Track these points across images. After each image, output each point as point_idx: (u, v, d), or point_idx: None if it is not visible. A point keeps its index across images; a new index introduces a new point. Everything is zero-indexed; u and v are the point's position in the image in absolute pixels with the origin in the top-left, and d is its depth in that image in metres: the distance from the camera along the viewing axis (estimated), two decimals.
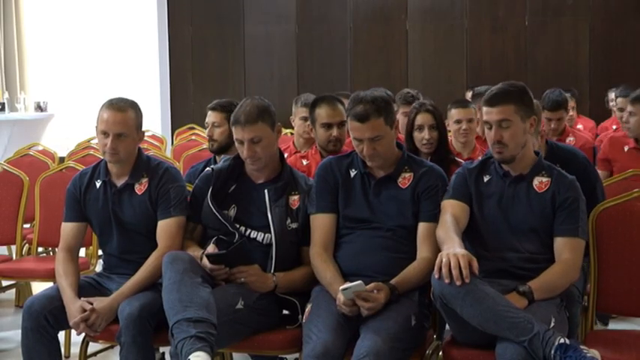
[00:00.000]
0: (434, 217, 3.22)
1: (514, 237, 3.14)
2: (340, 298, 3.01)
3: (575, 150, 4.01)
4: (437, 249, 3.09)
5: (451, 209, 3.17)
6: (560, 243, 3.11)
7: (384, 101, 3.27)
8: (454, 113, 4.65)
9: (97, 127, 3.49)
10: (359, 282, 3.01)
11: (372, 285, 3.04)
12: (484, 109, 3.19)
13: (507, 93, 3.17)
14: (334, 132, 4.11)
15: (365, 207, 3.30)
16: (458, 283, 2.78)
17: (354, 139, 3.27)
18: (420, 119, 4.19)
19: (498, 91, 3.20)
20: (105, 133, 3.44)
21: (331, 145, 4.12)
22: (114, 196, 3.52)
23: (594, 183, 3.69)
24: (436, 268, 2.85)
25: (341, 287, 3.00)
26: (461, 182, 3.24)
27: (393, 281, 3.11)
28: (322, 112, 4.13)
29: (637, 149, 4.83)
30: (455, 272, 2.79)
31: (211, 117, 4.37)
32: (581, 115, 7.76)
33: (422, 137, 4.17)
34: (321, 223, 3.33)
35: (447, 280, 2.80)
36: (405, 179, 3.31)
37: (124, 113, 3.44)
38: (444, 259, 2.83)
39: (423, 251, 3.21)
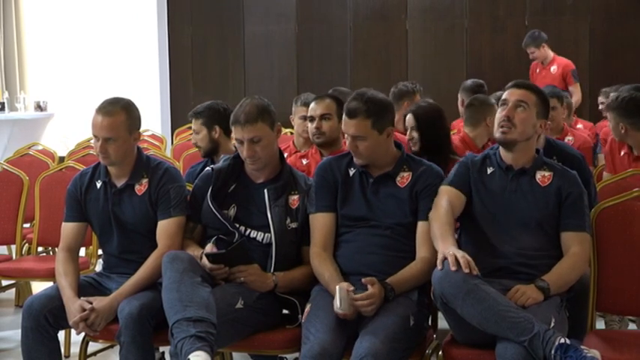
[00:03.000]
0: None
1: (516, 230, 3.15)
2: (340, 313, 3.00)
3: (571, 147, 4.05)
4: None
5: (447, 195, 3.18)
6: (568, 237, 3.13)
7: (379, 105, 3.29)
8: None
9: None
10: (337, 288, 3.00)
11: (364, 280, 3.04)
12: (508, 90, 3.25)
13: (533, 86, 3.30)
14: (309, 124, 4.28)
15: (363, 205, 3.30)
16: (466, 270, 2.81)
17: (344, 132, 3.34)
18: (407, 120, 4.31)
19: (527, 81, 3.37)
20: (95, 137, 3.47)
21: (315, 137, 4.25)
22: (114, 197, 3.52)
23: (588, 179, 3.68)
24: (439, 261, 2.87)
25: (335, 309, 2.99)
26: (462, 171, 3.26)
27: (389, 280, 3.11)
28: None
29: (628, 155, 4.79)
30: (462, 260, 2.83)
31: (192, 124, 4.51)
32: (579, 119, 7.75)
33: (406, 136, 4.30)
34: (320, 223, 3.33)
35: (453, 268, 2.83)
36: (404, 178, 3.31)
37: (112, 117, 3.44)
38: (447, 254, 2.86)
39: (422, 251, 3.21)
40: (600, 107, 7.50)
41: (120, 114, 3.46)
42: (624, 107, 4.53)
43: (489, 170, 3.25)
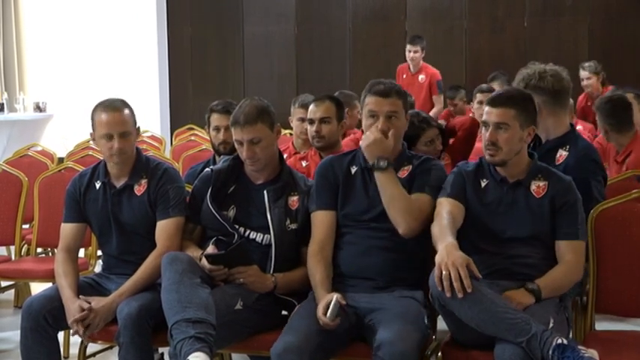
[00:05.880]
0: (421, 189, 3.22)
1: (513, 241, 3.13)
2: (324, 320, 2.99)
3: (586, 141, 3.93)
4: (426, 219, 3.13)
5: (448, 206, 3.15)
6: (562, 246, 3.12)
7: (404, 91, 3.37)
8: None
9: (94, 132, 3.47)
10: (333, 299, 2.99)
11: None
12: (486, 108, 3.20)
13: (511, 97, 3.21)
14: (308, 126, 4.29)
15: (365, 202, 3.28)
16: (460, 295, 2.77)
17: (368, 116, 3.28)
18: (429, 135, 4.17)
19: (504, 93, 3.28)
20: (109, 136, 3.43)
21: (315, 141, 4.26)
22: (113, 197, 3.52)
23: (588, 177, 3.59)
24: (436, 279, 2.83)
25: (320, 315, 2.99)
26: (458, 182, 3.22)
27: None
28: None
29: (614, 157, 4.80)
30: (456, 285, 2.77)
31: (223, 120, 4.27)
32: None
33: (434, 149, 4.18)
34: (320, 220, 3.32)
35: (448, 294, 2.79)
36: (404, 171, 3.31)
37: (121, 112, 3.45)
38: (443, 272, 2.80)
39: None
40: (583, 82, 7.70)
41: (125, 109, 3.48)
42: (604, 107, 4.53)
43: (483, 183, 3.23)
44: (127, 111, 3.48)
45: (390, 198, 3.17)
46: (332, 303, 2.99)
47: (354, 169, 3.36)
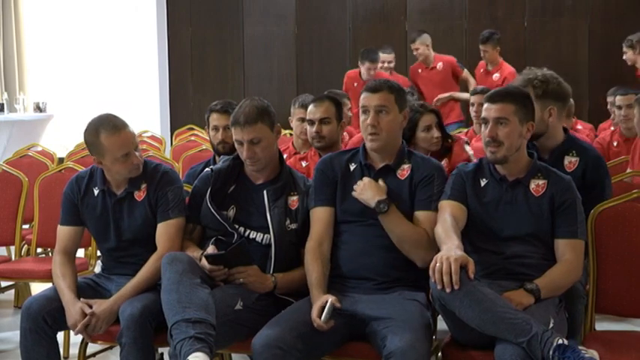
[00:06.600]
0: (428, 205, 3.22)
1: (513, 240, 3.13)
2: (318, 322, 2.99)
3: (590, 145, 3.96)
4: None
5: (450, 209, 3.16)
6: (561, 244, 3.12)
7: (399, 86, 3.36)
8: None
9: (103, 156, 3.41)
10: (328, 303, 3.00)
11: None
12: (485, 105, 3.22)
13: (510, 93, 3.23)
14: (308, 127, 4.31)
15: None
16: (447, 290, 2.78)
17: (362, 112, 3.31)
18: (426, 120, 4.21)
19: (501, 90, 3.29)
20: (126, 155, 3.40)
21: (315, 142, 4.28)
22: (114, 206, 3.50)
23: (604, 178, 3.56)
24: (431, 271, 2.84)
25: (322, 319, 2.98)
26: (459, 184, 3.23)
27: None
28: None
29: None
30: (446, 279, 2.78)
31: (222, 120, 4.29)
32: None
33: (431, 136, 4.22)
34: (319, 217, 3.32)
35: (439, 287, 2.81)
36: (404, 170, 3.31)
37: (127, 127, 3.44)
38: (437, 264, 2.82)
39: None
40: (624, 57, 7.84)
41: (125, 123, 3.46)
42: None
43: (483, 182, 3.23)
44: (128, 124, 3.46)
45: (399, 239, 3.18)
46: (327, 305, 2.99)
47: (352, 166, 3.36)
